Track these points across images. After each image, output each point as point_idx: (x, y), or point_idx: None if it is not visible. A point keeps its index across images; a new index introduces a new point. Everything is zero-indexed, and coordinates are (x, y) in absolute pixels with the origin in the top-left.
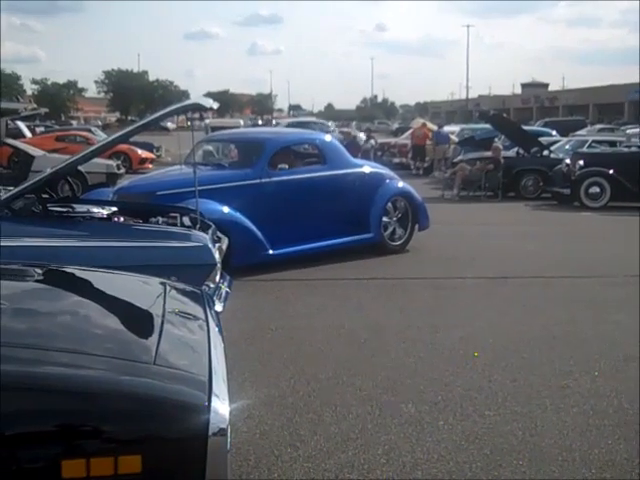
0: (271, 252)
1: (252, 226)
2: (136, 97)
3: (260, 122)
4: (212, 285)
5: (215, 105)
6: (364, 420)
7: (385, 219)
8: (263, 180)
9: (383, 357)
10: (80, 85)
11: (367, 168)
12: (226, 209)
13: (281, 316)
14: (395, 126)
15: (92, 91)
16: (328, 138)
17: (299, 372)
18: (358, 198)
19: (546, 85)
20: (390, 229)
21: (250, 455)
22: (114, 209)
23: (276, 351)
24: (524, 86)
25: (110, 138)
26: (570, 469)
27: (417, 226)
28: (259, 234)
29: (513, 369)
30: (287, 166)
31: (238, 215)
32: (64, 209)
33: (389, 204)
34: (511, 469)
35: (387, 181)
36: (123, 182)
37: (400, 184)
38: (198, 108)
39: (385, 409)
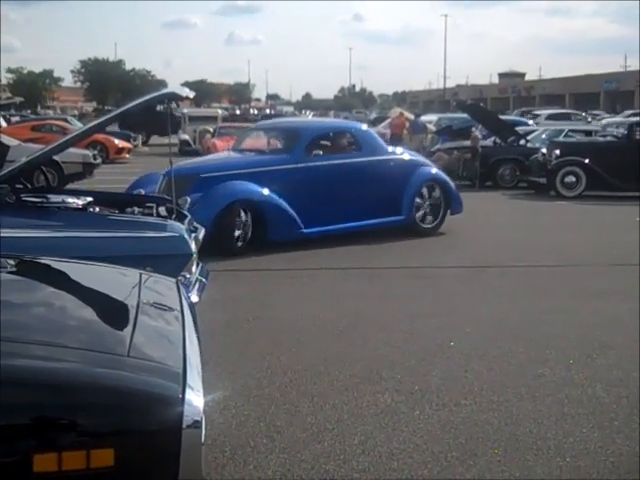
0: (304, 230)
1: (286, 206)
2: (113, 86)
3: (238, 112)
4: (188, 276)
5: (191, 94)
6: (341, 410)
7: (418, 202)
8: (299, 165)
9: (361, 347)
10: (56, 74)
11: (401, 155)
12: (262, 190)
13: (259, 306)
14: (373, 116)
15: (68, 80)
16: (363, 127)
17: (276, 363)
18: (391, 183)
19: (523, 75)
20: (422, 212)
21: (226, 446)
22: (89, 199)
23: (253, 342)
24: (501, 76)
25: (85, 127)
26: (545, 457)
27: (449, 210)
28: (293, 213)
29: (490, 358)
30: (321, 152)
31: (273, 196)
32: (38, 199)
33: (422, 189)
34: (486, 458)
35: (421, 168)
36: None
37: (434, 170)
38: (174, 97)
39: (362, 399)
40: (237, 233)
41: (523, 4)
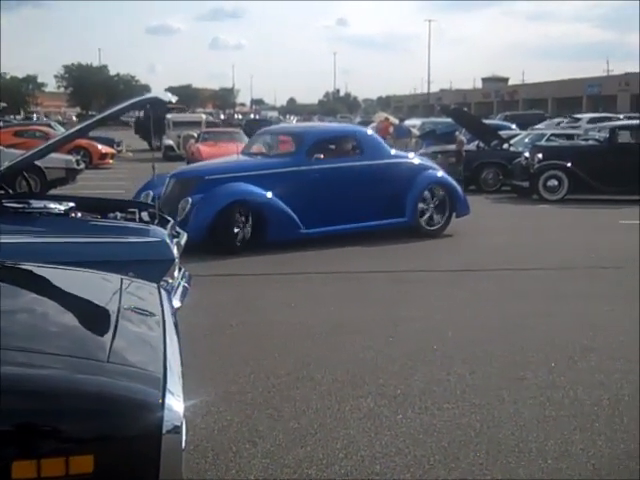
0: (304, 231)
1: (285, 207)
2: (97, 92)
3: (222, 117)
4: (170, 281)
5: (174, 99)
6: (323, 415)
7: (422, 205)
8: (301, 168)
9: (343, 351)
10: (40, 80)
11: (406, 159)
12: (261, 191)
13: (241, 311)
14: (357, 120)
15: (52, 86)
16: (367, 132)
17: (259, 368)
18: (394, 185)
19: (506, 79)
20: (427, 215)
21: (208, 452)
22: (71, 205)
23: (236, 347)
24: (485, 80)
25: (67, 132)
26: (526, 460)
27: (455, 213)
28: (293, 214)
29: (472, 361)
30: (322, 155)
31: (272, 197)
32: (20, 205)
33: (427, 192)
34: (468, 461)
35: (426, 171)
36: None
37: (439, 174)
38: (156, 102)
39: (344, 403)
40: (237, 233)
41: (505, 9)
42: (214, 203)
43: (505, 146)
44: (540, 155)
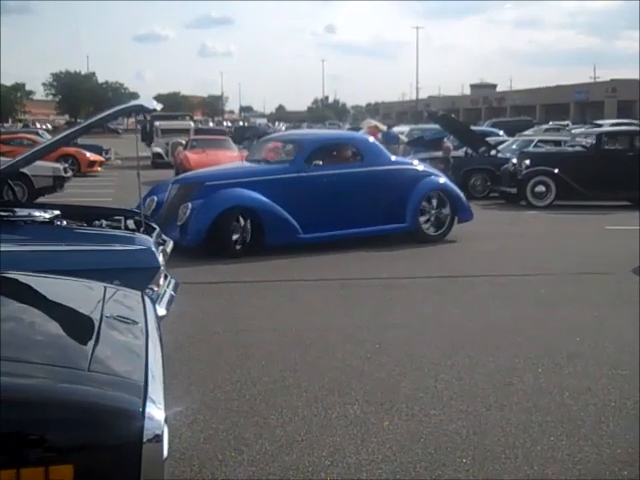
0: (303, 236)
1: (283, 212)
2: (85, 99)
3: (211, 124)
4: (156, 289)
5: (159, 107)
6: (310, 422)
7: (424, 210)
8: (300, 174)
9: (330, 358)
10: (28, 88)
11: (407, 165)
12: (259, 196)
13: (228, 319)
14: (346, 127)
15: (40, 94)
16: (368, 139)
17: (245, 375)
18: (394, 191)
19: (494, 86)
20: (430, 221)
21: (194, 460)
22: (56, 212)
23: (223, 354)
24: (473, 87)
25: (52, 140)
26: (512, 466)
27: (456, 218)
28: (291, 219)
29: (459, 367)
30: (321, 162)
31: (269, 202)
32: (4, 213)
33: (429, 198)
34: (454, 467)
35: (428, 177)
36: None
37: (442, 180)
38: (141, 109)
39: (331, 410)
40: (235, 237)
41: (493, 16)
42: (212, 208)
43: (493, 152)
44: (528, 161)
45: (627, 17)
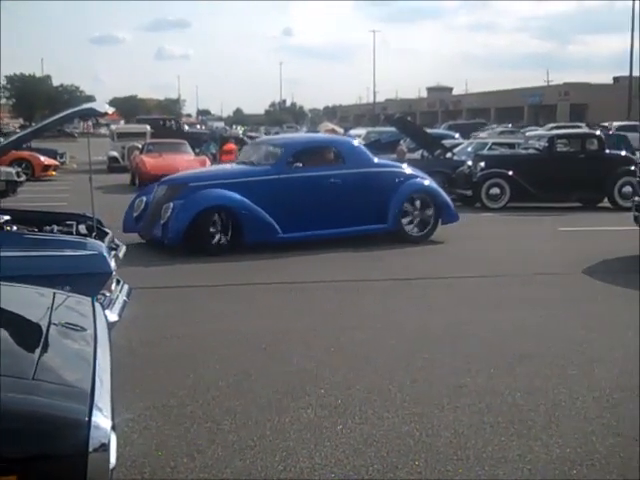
0: (282, 235)
1: (262, 212)
2: (40, 103)
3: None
4: (108, 294)
5: (110, 110)
6: (263, 427)
7: (407, 211)
8: (281, 176)
9: (284, 363)
10: None
11: (391, 168)
12: (238, 197)
13: (183, 323)
14: (304, 130)
15: None
16: (350, 142)
17: (199, 380)
18: (376, 193)
19: (450, 89)
20: (411, 221)
21: (145, 468)
22: (6, 218)
23: (177, 359)
24: (430, 90)
25: (2, 144)
26: (464, 467)
27: (440, 220)
28: (270, 219)
29: (414, 370)
30: (302, 164)
31: (248, 202)
32: None
33: (411, 199)
34: (407, 470)
35: (411, 179)
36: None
37: (426, 182)
38: (92, 113)
39: (284, 415)
40: (214, 236)
41: (448, 20)
42: (191, 208)
43: (448, 155)
44: (482, 164)
45: (579, 22)
